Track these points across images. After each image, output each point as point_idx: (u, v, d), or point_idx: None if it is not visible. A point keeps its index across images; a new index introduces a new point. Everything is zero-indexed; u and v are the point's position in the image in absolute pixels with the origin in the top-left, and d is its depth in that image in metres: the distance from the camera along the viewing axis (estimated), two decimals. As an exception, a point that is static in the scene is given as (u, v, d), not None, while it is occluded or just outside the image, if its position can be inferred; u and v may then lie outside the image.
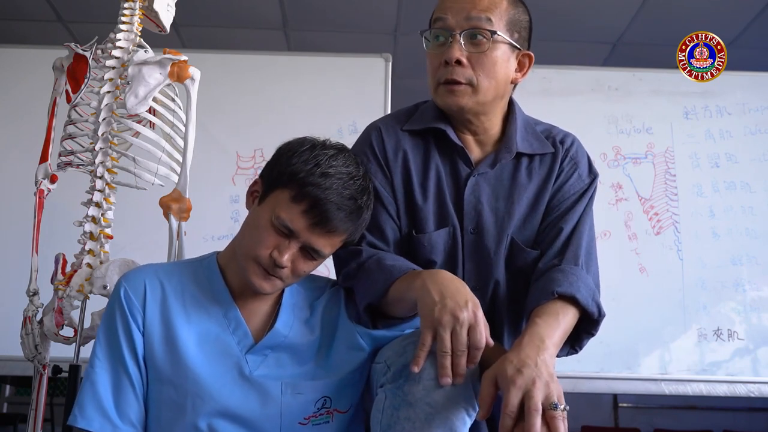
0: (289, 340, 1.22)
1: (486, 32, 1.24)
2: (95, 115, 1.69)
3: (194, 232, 1.81)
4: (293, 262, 1.16)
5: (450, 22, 1.26)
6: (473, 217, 1.29)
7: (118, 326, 1.19)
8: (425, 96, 1.42)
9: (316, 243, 1.15)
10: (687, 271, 2.87)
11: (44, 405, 1.69)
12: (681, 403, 4.92)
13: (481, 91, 1.26)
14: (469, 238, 1.29)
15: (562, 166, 1.34)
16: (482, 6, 1.25)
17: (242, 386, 1.18)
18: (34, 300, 1.70)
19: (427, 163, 1.33)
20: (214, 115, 2.75)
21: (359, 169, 1.20)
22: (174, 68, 1.71)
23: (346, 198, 1.14)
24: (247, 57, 3.12)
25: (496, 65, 1.26)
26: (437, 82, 1.29)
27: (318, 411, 1.19)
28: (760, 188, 2.96)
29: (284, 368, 1.20)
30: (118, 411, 1.16)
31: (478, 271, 1.29)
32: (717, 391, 2.77)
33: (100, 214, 1.67)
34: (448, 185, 1.31)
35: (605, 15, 3.44)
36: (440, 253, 1.29)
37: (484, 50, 1.25)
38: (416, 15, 3.49)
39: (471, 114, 1.30)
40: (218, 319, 1.22)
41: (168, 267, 1.29)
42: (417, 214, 1.30)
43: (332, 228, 1.14)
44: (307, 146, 1.18)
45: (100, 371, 1.17)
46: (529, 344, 1.06)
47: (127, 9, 1.76)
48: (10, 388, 5.11)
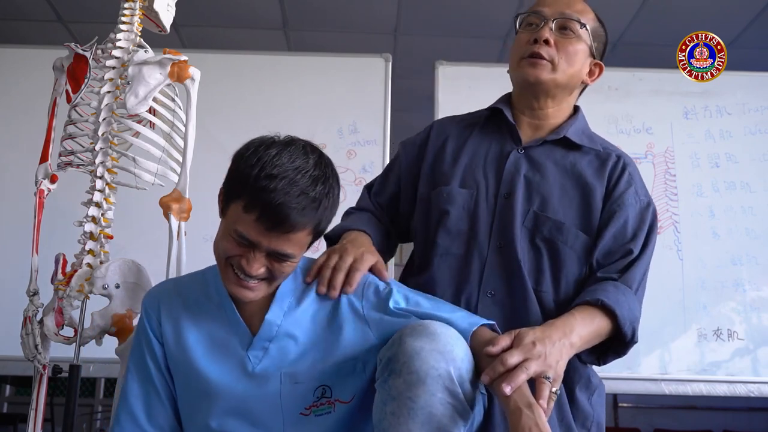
0: (284, 329, 1.21)
1: (575, 23, 1.41)
2: (95, 115, 1.69)
3: (194, 232, 1.81)
4: (268, 269, 1.14)
5: (546, 12, 1.42)
6: (508, 184, 1.39)
7: (141, 339, 1.27)
8: (425, 96, 1.44)
9: (279, 247, 1.12)
10: (687, 271, 2.88)
11: (44, 405, 1.69)
12: (681, 403, 4.92)
13: (559, 70, 1.40)
14: (502, 202, 1.38)
15: (613, 171, 1.41)
16: (576, 8, 1.43)
17: (247, 383, 1.20)
18: (34, 300, 1.70)
19: (468, 138, 1.48)
20: (214, 115, 2.75)
21: (308, 160, 1.14)
22: (174, 68, 1.71)
23: (295, 196, 1.09)
24: (247, 57, 3.12)
25: (577, 55, 1.42)
26: (520, 56, 1.42)
27: (318, 400, 1.18)
28: (760, 188, 2.96)
29: (285, 358, 1.20)
30: (147, 417, 1.24)
31: (504, 233, 1.36)
32: (717, 391, 2.77)
33: (101, 214, 1.67)
34: (491, 157, 1.43)
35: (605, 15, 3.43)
36: (457, 207, 1.40)
37: (570, 38, 1.41)
38: (416, 15, 3.49)
39: (542, 92, 1.42)
40: (222, 322, 1.24)
41: (182, 279, 1.35)
42: (442, 173, 1.45)
43: (288, 228, 1.10)
44: (252, 150, 1.14)
45: (130, 382, 1.26)
46: (559, 328, 1.19)
47: (127, 9, 1.76)
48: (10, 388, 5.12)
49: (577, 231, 1.36)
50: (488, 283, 1.34)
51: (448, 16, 3.48)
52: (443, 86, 2.93)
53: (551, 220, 1.36)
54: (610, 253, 1.36)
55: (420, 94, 3.34)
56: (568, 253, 1.35)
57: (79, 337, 1.62)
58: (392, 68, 3.04)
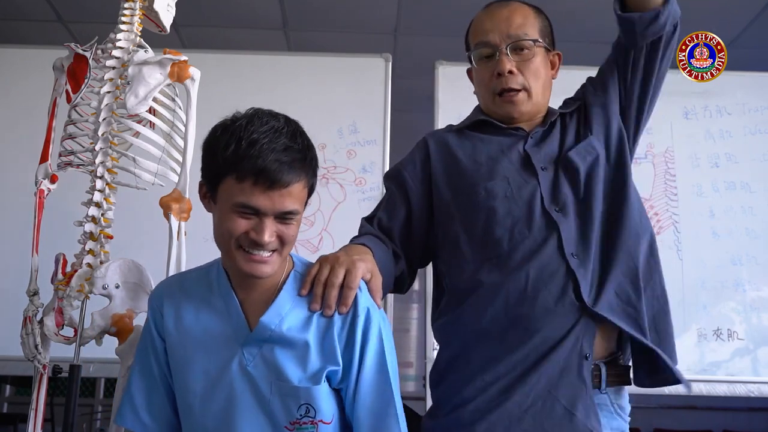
0: (277, 334, 1.20)
1: (528, 42, 1.44)
2: (95, 115, 1.69)
3: (194, 232, 1.81)
4: (278, 236, 1.16)
5: (493, 40, 1.45)
6: (541, 159, 1.42)
7: (146, 334, 1.30)
8: (425, 96, 1.44)
9: (282, 205, 1.14)
10: (687, 271, 2.88)
11: (44, 405, 1.69)
12: (681, 403, 4.92)
13: (534, 93, 1.46)
14: (545, 176, 1.40)
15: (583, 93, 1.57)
16: (517, 23, 1.45)
17: (241, 380, 1.20)
18: (34, 300, 1.70)
19: (473, 139, 1.49)
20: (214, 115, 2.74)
21: (278, 120, 1.18)
22: (174, 68, 1.71)
23: (281, 150, 1.12)
24: (247, 57, 3.12)
25: (540, 68, 1.47)
26: (493, 93, 1.47)
27: (301, 418, 1.18)
28: (760, 188, 2.96)
29: (275, 365, 1.19)
30: (148, 409, 1.27)
31: (556, 196, 1.38)
32: (717, 391, 2.77)
33: (101, 214, 1.67)
34: (507, 148, 1.45)
35: (605, 15, 3.43)
36: (500, 200, 1.39)
37: (529, 57, 1.45)
38: (416, 15, 3.49)
39: (525, 117, 1.48)
40: (222, 316, 1.24)
41: (188, 273, 1.35)
42: (465, 174, 1.44)
43: (286, 182, 1.13)
44: (220, 130, 1.18)
45: (134, 373, 1.30)
46: None
47: (127, 9, 1.76)
48: (10, 388, 5.12)
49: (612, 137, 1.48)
50: (569, 246, 1.34)
51: (448, 16, 3.48)
52: (443, 86, 2.93)
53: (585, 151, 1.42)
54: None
55: (420, 94, 3.34)
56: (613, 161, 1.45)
57: (79, 337, 1.62)
58: (392, 68, 3.03)
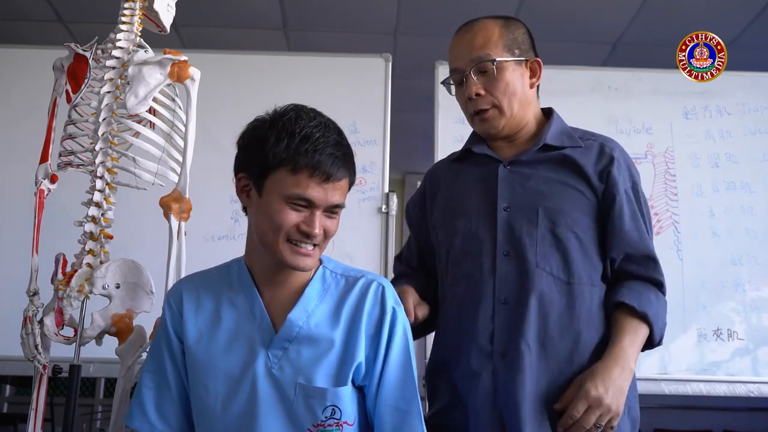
0: (305, 332, 1.20)
1: (488, 63, 1.45)
2: (95, 115, 1.69)
3: (194, 233, 1.81)
4: (323, 228, 1.19)
5: (460, 66, 1.49)
6: (506, 198, 1.45)
7: (161, 332, 1.28)
8: (425, 96, 1.46)
9: (333, 198, 1.18)
10: (687, 271, 2.87)
11: (44, 405, 1.69)
12: (681, 403, 4.92)
13: (506, 108, 1.47)
14: (503, 215, 1.44)
15: (599, 161, 1.46)
16: (477, 45, 1.47)
17: (265, 383, 1.19)
18: (35, 300, 1.70)
19: (458, 173, 1.56)
20: (214, 115, 2.75)
21: (321, 117, 1.23)
22: (174, 68, 1.71)
23: (332, 145, 1.17)
24: (247, 57, 3.12)
25: (509, 83, 1.46)
26: (470, 114, 1.52)
27: (326, 420, 1.17)
28: (760, 188, 2.96)
29: (301, 366, 1.19)
30: (157, 410, 1.25)
31: (512, 240, 1.42)
32: (717, 391, 2.77)
33: (101, 214, 1.67)
34: (481, 181, 1.50)
35: (605, 15, 3.44)
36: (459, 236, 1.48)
37: (494, 77, 1.45)
38: (416, 15, 3.49)
39: (504, 131, 1.50)
40: (245, 315, 1.23)
41: (205, 273, 1.33)
42: (446, 213, 1.54)
43: (341, 176, 1.18)
44: (268, 125, 1.21)
45: (146, 373, 1.28)
46: (617, 362, 1.32)
47: (127, 9, 1.76)
48: (10, 388, 5.12)
49: (579, 216, 1.42)
50: (501, 292, 1.40)
51: (448, 16, 3.48)
52: (443, 86, 2.94)
53: (551, 210, 1.42)
54: (627, 246, 1.43)
55: (420, 94, 3.34)
56: (569, 237, 1.41)
57: (79, 337, 1.62)
58: (392, 68, 3.03)
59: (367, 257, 2.79)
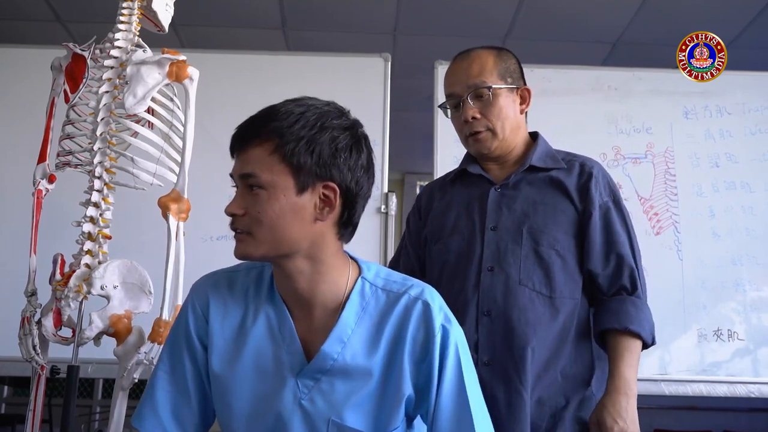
0: (340, 364, 1.07)
1: (484, 89, 1.55)
2: (93, 115, 1.69)
3: (193, 233, 1.80)
4: (245, 211, 1.07)
5: (457, 91, 1.59)
6: (493, 219, 1.55)
7: (181, 334, 1.15)
8: (425, 96, 1.46)
9: (242, 169, 1.07)
10: (687, 271, 2.87)
11: (42, 406, 1.69)
12: (681, 404, 4.91)
13: (498, 132, 1.57)
14: (490, 234, 1.54)
15: (579, 179, 1.56)
16: (475, 72, 1.57)
17: (294, 413, 1.08)
18: (33, 300, 1.70)
19: (452, 192, 1.65)
20: (213, 115, 2.74)
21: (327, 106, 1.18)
22: (172, 68, 1.70)
23: (250, 118, 1.12)
24: (247, 57, 3.11)
25: (503, 109, 1.57)
26: (465, 136, 1.61)
27: None
28: (760, 188, 2.96)
29: (335, 401, 1.07)
30: (173, 416, 1.13)
31: (497, 258, 1.52)
32: (717, 392, 2.76)
33: (99, 214, 1.67)
34: (474, 201, 1.59)
35: (605, 15, 3.43)
36: (452, 254, 1.57)
37: (489, 102, 1.56)
38: (416, 15, 3.49)
39: (496, 152, 1.59)
40: (276, 334, 1.11)
41: (232, 275, 1.19)
42: (438, 229, 1.62)
43: (244, 145, 1.08)
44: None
45: (161, 374, 1.15)
46: (621, 391, 1.43)
47: (125, 9, 1.76)
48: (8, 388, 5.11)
49: (561, 234, 1.51)
50: (484, 304, 1.48)
51: (448, 16, 3.48)
52: (443, 86, 2.94)
53: (534, 230, 1.51)
54: (606, 263, 1.51)
55: (419, 93, 3.33)
56: (551, 255, 1.50)
57: (77, 338, 1.62)
58: (392, 68, 3.02)
59: (365, 257, 2.72)
